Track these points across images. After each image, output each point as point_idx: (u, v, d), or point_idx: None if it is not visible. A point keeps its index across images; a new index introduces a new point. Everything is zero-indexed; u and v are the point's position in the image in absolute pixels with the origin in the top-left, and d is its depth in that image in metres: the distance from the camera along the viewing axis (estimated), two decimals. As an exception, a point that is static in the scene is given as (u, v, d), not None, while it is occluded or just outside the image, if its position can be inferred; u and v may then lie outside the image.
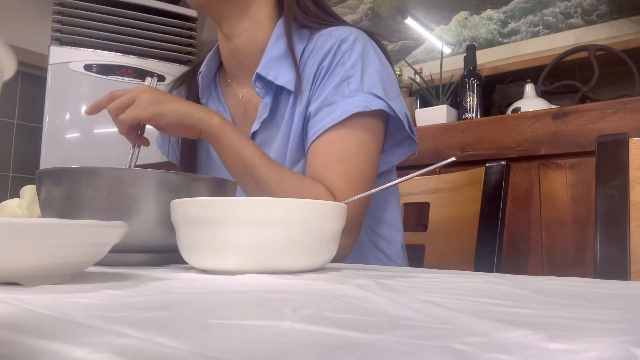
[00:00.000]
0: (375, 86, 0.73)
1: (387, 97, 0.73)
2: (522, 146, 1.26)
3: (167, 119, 0.70)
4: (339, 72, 0.73)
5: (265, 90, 0.79)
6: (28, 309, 0.25)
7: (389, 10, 2.14)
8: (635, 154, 0.74)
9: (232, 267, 0.44)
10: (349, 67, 0.73)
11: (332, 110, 0.72)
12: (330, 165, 0.73)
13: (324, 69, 0.75)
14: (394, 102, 0.74)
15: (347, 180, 0.73)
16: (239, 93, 0.87)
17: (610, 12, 1.62)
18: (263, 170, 0.71)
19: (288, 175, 0.73)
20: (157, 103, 0.70)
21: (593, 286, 0.40)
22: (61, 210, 0.53)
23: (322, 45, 0.76)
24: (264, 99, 0.79)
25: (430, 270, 0.54)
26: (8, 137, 2.35)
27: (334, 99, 0.73)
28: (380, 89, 0.73)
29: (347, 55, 0.74)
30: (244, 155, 0.71)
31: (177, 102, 0.72)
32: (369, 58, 0.75)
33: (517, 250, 1.25)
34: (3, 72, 0.20)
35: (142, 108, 0.69)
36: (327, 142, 0.73)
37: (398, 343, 0.19)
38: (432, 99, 1.69)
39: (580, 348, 0.18)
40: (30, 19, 2.42)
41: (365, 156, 0.74)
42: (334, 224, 0.48)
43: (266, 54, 0.78)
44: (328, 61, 0.74)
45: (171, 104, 0.71)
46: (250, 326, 0.22)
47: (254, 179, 0.71)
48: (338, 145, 0.72)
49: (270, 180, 0.71)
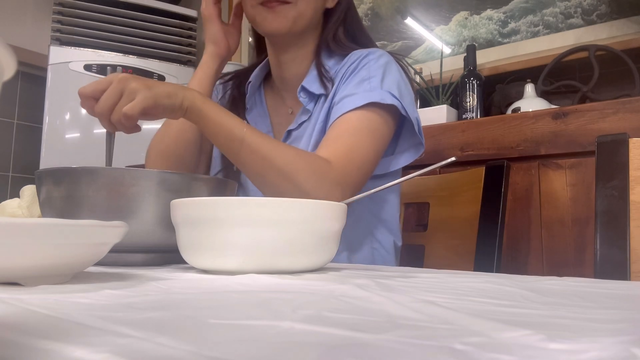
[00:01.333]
0: (392, 89, 0.81)
1: (402, 100, 0.81)
2: (522, 146, 1.26)
3: (164, 103, 0.69)
4: (363, 73, 0.84)
5: (308, 98, 0.91)
6: (28, 309, 0.25)
7: (389, 10, 2.14)
8: (635, 154, 0.74)
9: (232, 267, 0.44)
10: (373, 70, 0.84)
11: (352, 99, 0.81)
12: (340, 135, 0.79)
13: (350, 70, 0.86)
14: (408, 107, 0.82)
15: (348, 152, 0.77)
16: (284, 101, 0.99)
17: (610, 12, 1.62)
18: (253, 137, 0.72)
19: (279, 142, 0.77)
20: (150, 88, 0.68)
21: (593, 286, 0.40)
22: (61, 210, 0.53)
23: (351, 57, 0.89)
24: (307, 106, 0.91)
25: (430, 270, 0.54)
26: (8, 137, 2.35)
27: (356, 92, 0.82)
28: (396, 92, 0.81)
29: (372, 62, 0.85)
30: (231, 125, 0.72)
31: (161, 84, 0.70)
32: (391, 70, 0.86)
33: (517, 250, 1.25)
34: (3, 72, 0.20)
35: (143, 96, 0.67)
36: (343, 120, 0.80)
37: (398, 343, 0.19)
38: (432, 99, 1.69)
39: (580, 348, 0.18)
40: (30, 19, 2.42)
41: (373, 140, 0.80)
42: (334, 224, 0.48)
43: (310, 72, 0.92)
44: (354, 65, 0.86)
45: (160, 87, 0.69)
46: (250, 326, 0.22)
47: (246, 145, 0.71)
48: (352, 122, 0.80)
49: (263, 145, 0.72)
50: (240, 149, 0.72)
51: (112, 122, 0.69)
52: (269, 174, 0.72)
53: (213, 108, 0.72)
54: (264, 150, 0.72)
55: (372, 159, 0.80)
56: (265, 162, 0.72)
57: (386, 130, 0.82)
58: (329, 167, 0.74)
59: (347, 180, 0.76)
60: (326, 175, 0.74)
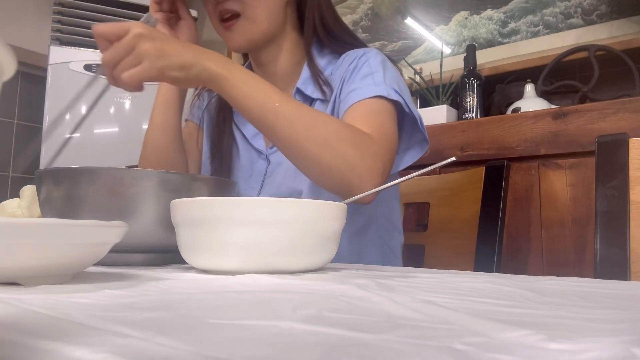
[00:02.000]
0: (394, 85, 0.80)
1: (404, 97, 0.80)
2: (522, 146, 1.26)
3: (174, 75, 0.65)
4: (365, 69, 0.82)
5: (303, 100, 0.88)
6: (28, 309, 0.25)
7: (389, 10, 2.14)
8: (635, 154, 0.74)
9: (232, 267, 0.44)
10: (374, 66, 0.82)
11: (360, 91, 0.79)
12: (365, 115, 0.76)
13: (350, 70, 0.84)
14: (409, 103, 0.80)
15: (380, 127, 0.74)
16: None
17: (610, 12, 1.62)
18: (289, 106, 0.67)
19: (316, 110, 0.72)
20: (162, 57, 0.63)
21: (593, 286, 0.40)
22: (61, 210, 0.53)
23: (346, 58, 0.87)
24: None
25: (430, 270, 0.54)
26: (8, 137, 2.35)
27: (361, 85, 0.80)
28: (397, 89, 0.80)
29: (371, 59, 0.84)
30: (262, 96, 0.67)
31: (180, 50, 0.66)
32: (389, 67, 0.85)
33: (517, 250, 1.25)
34: (3, 72, 0.20)
35: (148, 66, 0.63)
36: (358, 106, 0.77)
37: (398, 343, 0.19)
38: (432, 99, 1.69)
39: (580, 348, 0.18)
40: (30, 19, 2.42)
41: (393, 123, 0.77)
42: (334, 224, 0.48)
43: (303, 73, 0.89)
44: (354, 64, 0.84)
45: (176, 56, 0.64)
46: (250, 326, 0.22)
47: (282, 117, 0.67)
48: (370, 106, 0.77)
49: (301, 116, 0.68)
50: (275, 122, 0.67)
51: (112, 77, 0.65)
52: (309, 146, 0.67)
53: (239, 77, 0.67)
54: (303, 121, 0.67)
55: (396, 142, 0.77)
56: (305, 133, 0.67)
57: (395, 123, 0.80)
58: (371, 139, 0.71)
59: (386, 154, 0.73)
60: (369, 146, 0.70)
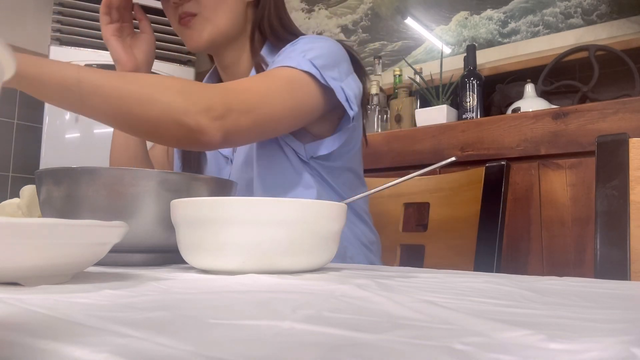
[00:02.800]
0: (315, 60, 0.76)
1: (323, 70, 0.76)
2: (522, 146, 1.26)
3: None
4: (288, 49, 0.81)
5: None
6: (28, 309, 0.25)
7: (389, 10, 2.14)
8: (635, 154, 0.74)
9: (232, 267, 0.44)
10: (298, 46, 0.80)
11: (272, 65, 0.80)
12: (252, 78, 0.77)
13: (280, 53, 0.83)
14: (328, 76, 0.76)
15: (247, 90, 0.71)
16: None
17: (610, 12, 1.62)
18: (91, 74, 0.61)
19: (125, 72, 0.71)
20: None
21: (593, 286, 0.40)
22: (61, 210, 0.53)
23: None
24: None
25: (430, 270, 0.54)
26: (8, 137, 2.35)
27: (276, 60, 0.81)
28: (318, 63, 0.76)
29: (301, 41, 0.82)
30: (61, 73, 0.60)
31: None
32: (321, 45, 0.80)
33: (517, 250, 1.25)
34: (3, 72, 0.20)
35: None
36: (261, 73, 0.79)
37: (398, 343, 0.19)
38: (432, 99, 1.69)
39: (580, 348, 0.18)
40: (30, 19, 2.42)
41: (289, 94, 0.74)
42: (334, 224, 0.48)
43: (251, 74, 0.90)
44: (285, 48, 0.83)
45: None
46: (250, 326, 0.22)
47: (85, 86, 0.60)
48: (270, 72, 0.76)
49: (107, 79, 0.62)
50: (80, 94, 0.60)
51: None
52: (125, 106, 0.61)
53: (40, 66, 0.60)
54: (111, 83, 0.61)
55: (279, 112, 0.72)
56: (118, 93, 0.61)
57: (306, 98, 0.76)
58: (204, 85, 0.67)
59: (234, 100, 0.67)
60: (200, 90, 0.65)
